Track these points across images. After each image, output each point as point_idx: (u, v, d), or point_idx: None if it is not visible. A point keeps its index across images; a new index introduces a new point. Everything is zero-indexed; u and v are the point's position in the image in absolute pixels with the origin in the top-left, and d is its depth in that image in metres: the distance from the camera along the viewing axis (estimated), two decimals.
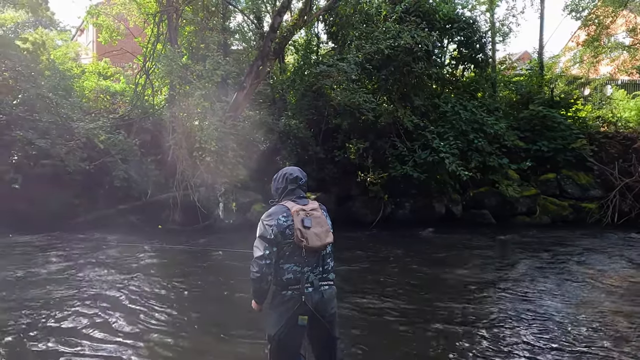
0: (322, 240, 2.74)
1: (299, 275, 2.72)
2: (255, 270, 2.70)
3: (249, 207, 11.00)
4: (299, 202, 2.84)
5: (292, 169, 2.98)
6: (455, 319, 4.97)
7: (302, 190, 2.93)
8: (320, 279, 2.76)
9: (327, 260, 2.82)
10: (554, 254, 8.40)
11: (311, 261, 2.75)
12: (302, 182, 2.93)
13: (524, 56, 24.68)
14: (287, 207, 2.80)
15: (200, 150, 9.89)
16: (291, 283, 2.72)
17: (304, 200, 2.87)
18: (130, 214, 10.42)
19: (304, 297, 2.69)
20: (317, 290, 2.74)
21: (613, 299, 5.83)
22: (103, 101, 12.64)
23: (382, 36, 11.36)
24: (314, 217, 2.77)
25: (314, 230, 2.73)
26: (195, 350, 4.12)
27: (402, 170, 11.36)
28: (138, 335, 4.38)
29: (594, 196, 12.78)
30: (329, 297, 2.79)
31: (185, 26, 12.73)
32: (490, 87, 14.34)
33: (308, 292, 2.72)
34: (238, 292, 5.56)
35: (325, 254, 2.80)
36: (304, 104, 12.23)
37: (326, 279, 2.80)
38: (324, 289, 2.77)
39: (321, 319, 2.74)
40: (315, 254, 2.75)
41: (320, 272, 2.77)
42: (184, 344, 4.24)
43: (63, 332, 4.40)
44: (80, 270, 6.67)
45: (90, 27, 17.60)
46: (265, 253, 2.70)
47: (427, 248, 9.11)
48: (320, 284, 2.76)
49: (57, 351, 4.00)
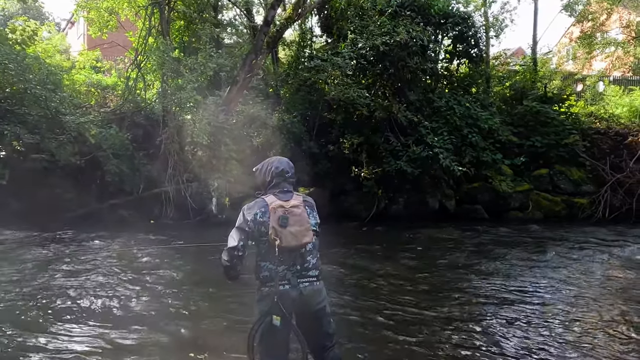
0: (299, 239, 2.64)
1: (274, 274, 2.65)
2: (226, 259, 2.70)
3: (242, 202, 10.91)
4: (281, 197, 2.72)
5: (280, 161, 2.86)
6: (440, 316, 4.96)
7: (289, 184, 2.80)
8: (298, 276, 2.66)
9: (308, 258, 2.70)
10: (543, 249, 8.48)
11: (287, 260, 2.66)
12: (289, 176, 2.80)
13: (518, 52, 24.75)
14: (267, 202, 2.70)
15: (192, 144, 9.80)
16: (267, 280, 2.67)
17: (288, 194, 2.74)
18: (122, 209, 10.32)
19: (277, 296, 2.62)
20: (295, 287, 2.65)
21: (597, 293, 5.87)
22: (94, 95, 12.48)
23: (377, 31, 11.30)
24: (293, 214, 2.65)
25: (290, 229, 2.63)
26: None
27: (396, 165, 11.35)
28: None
29: (586, 191, 12.87)
30: (309, 293, 2.68)
31: (177, 19, 12.58)
32: (484, 83, 14.36)
33: (284, 289, 2.64)
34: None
35: (305, 252, 2.69)
36: (298, 99, 12.17)
37: (306, 276, 2.68)
38: (303, 286, 2.66)
39: (305, 316, 2.70)
40: (292, 253, 2.66)
41: (298, 270, 2.66)
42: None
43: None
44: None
45: (81, 20, 17.32)
46: (239, 245, 2.67)
47: (417, 243, 9.12)
48: (299, 281, 2.66)
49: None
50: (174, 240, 8.57)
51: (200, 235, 9.21)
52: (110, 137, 10.22)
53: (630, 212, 12.19)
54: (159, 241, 8.53)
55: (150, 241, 8.51)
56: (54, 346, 3.97)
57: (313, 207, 2.80)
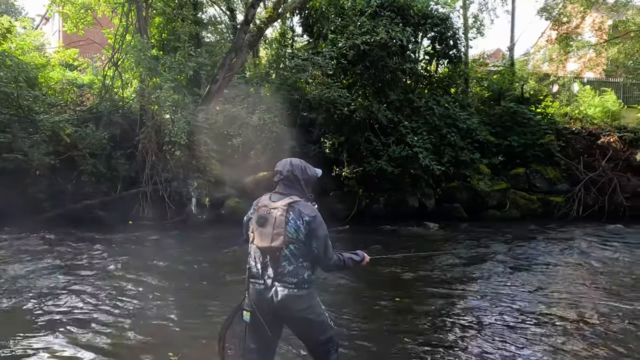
0: (267, 242, 2.65)
1: (252, 270, 2.73)
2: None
3: (223, 203, 10.85)
4: (273, 197, 2.76)
5: (282, 161, 2.86)
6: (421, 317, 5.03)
7: (285, 185, 2.77)
8: (273, 279, 2.66)
9: (283, 263, 2.65)
10: (517, 246, 8.68)
11: (262, 260, 2.69)
12: (282, 177, 2.78)
13: (496, 53, 25.20)
14: (258, 200, 2.79)
15: (170, 144, 9.67)
16: (248, 274, 2.75)
17: (278, 196, 2.75)
18: (99, 209, 10.12)
19: (248, 292, 2.72)
20: (269, 289, 2.66)
21: (571, 288, 6.04)
22: (70, 93, 12.18)
23: (357, 31, 11.34)
24: (270, 215, 2.67)
25: (263, 229, 2.68)
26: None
27: (376, 165, 11.42)
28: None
29: (560, 190, 13.20)
30: (285, 298, 2.64)
31: (155, 17, 12.38)
32: (463, 83, 14.57)
33: (259, 288, 2.70)
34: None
35: (279, 256, 2.65)
36: (279, 98, 12.11)
37: (281, 281, 2.65)
38: (277, 289, 2.65)
39: (289, 321, 2.74)
40: (265, 254, 2.67)
41: (272, 274, 2.66)
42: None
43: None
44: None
45: (56, 15, 16.88)
46: (243, 238, 2.91)
47: (399, 242, 9.21)
48: (274, 283, 2.66)
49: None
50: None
51: (182, 237, 9.11)
52: (87, 137, 10.01)
53: (602, 210, 12.57)
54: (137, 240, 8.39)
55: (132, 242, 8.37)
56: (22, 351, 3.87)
57: (301, 215, 2.66)
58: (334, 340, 2.84)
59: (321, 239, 2.69)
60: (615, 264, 7.48)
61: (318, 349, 2.83)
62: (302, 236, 2.66)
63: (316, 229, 2.67)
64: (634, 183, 13.11)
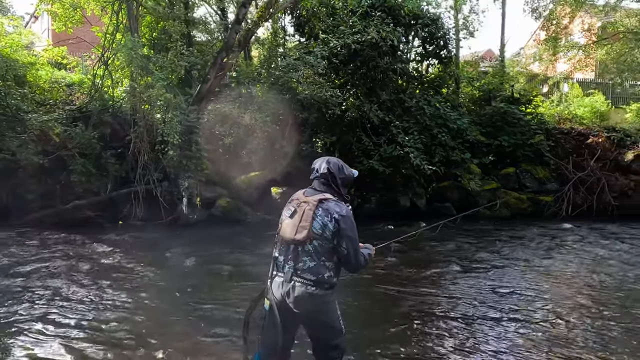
0: (291, 234, 2.67)
1: (276, 261, 2.76)
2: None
3: (214, 202, 10.80)
4: (307, 192, 2.79)
5: (319, 159, 2.89)
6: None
7: (321, 183, 2.78)
8: (292, 273, 2.67)
9: (304, 258, 2.66)
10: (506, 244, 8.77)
11: (285, 252, 2.72)
12: (319, 174, 2.80)
13: (487, 54, 25.40)
14: (295, 194, 2.85)
15: (162, 143, 9.61)
16: (272, 264, 2.78)
17: (312, 191, 2.78)
18: (89, 210, 10.02)
19: (270, 282, 2.74)
20: (288, 282, 2.67)
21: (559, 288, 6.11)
22: (59, 92, 12.04)
23: (348, 30, 11.37)
24: (300, 208, 2.69)
25: (290, 221, 2.71)
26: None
27: (368, 164, 11.46)
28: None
29: (550, 189, 13.35)
30: (301, 294, 2.64)
31: (146, 15, 12.29)
32: (453, 84, 14.66)
33: (279, 280, 2.71)
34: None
35: (301, 251, 2.66)
36: (270, 98, 12.08)
37: (300, 276, 2.65)
38: (295, 284, 2.65)
39: (303, 318, 2.73)
40: (288, 246, 2.70)
41: (292, 267, 2.67)
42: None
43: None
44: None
45: (45, 13, 16.69)
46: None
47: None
48: (293, 277, 2.66)
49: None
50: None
51: (172, 237, 9.06)
52: (76, 136, 9.90)
53: (591, 209, 12.73)
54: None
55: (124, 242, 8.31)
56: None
57: (330, 213, 2.64)
58: (341, 347, 2.81)
59: (352, 239, 2.67)
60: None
61: (324, 352, 2.81)
62: (328, 234, 2.64)
63: (346, 228, 2.65)
64: (622, 182, 13.30)
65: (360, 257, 2.74)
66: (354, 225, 2.70)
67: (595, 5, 17.30)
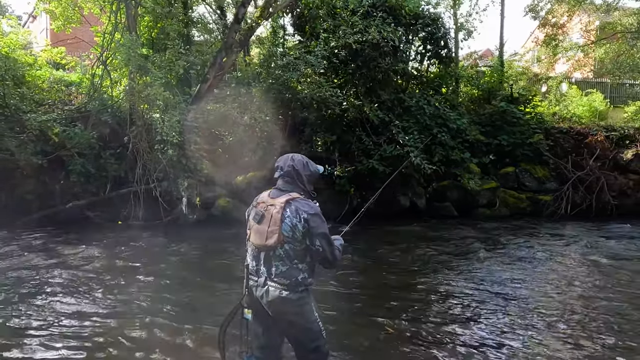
0: (261, 239, 2.59)
1: (250, 267, 2.66)
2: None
3: (214, 202, 10.78)
4: (272, 193, 2.70)
5: (283, 156, 2.80)
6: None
7: (286, 182, 2.70)
8: (266, 277, 2.62)
9: (275, 263, 2.60)
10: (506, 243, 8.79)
11: (257, 257, 2.65)
12: (283, 172, 2.71)
13: (486, 53, 25.41)
14: (259, 196, 2.75)
15: (161, 143, 9.59)
16: (246, 271, 2.68)
17: (277, 192, 2.69)
18: (88, 210, 10.00)
19: (248, 290, 2.62)
20: (261, 287, 2.62)
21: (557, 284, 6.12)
22: (57, 92, 12.00)
23: (349, 30, 11.36)
24: (267, 212, 2.61)
25: (259, 226, 2.62)
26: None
27: (368, 164, 11.45)
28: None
29: (549, 189, 13.35)
30: (274, 299, 2.58)
31: (145, 15, 12.26)
32: (453, 83, 14.66)
33: (254, 285, 2.64)
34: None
35: (272, 256, 2.60)
36: (270, 97, 12.07)
37: (273, 280, 2.60)
38: (269, 288, 2.60)
39: (279, 323, 2.66)
40: (260, 252, 2.63)
41: (265, 272, 2.62)
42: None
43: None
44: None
45: (43, 13, 16.62)
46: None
47: (394, 239, 9.26)
48: (267, 282, 2.61)
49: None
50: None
51: (172, 237, 9.04)
52: (75, 136, 9.88)
53: (590, 208, 12.75)
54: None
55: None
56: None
57: (298, 213, 2.57)
58: (322, 350, 2.72)
59: (324, 235, 2.60)
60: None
61: (305, 356, 2.74)
62: (298, 235, 2.58)
63: (316, 226, 2.59)
64: (621, 182, 13.32)
65: (336, 251, 2.67)
66: (324, 221, 2.64)
67: (593, 3, 17.32)
